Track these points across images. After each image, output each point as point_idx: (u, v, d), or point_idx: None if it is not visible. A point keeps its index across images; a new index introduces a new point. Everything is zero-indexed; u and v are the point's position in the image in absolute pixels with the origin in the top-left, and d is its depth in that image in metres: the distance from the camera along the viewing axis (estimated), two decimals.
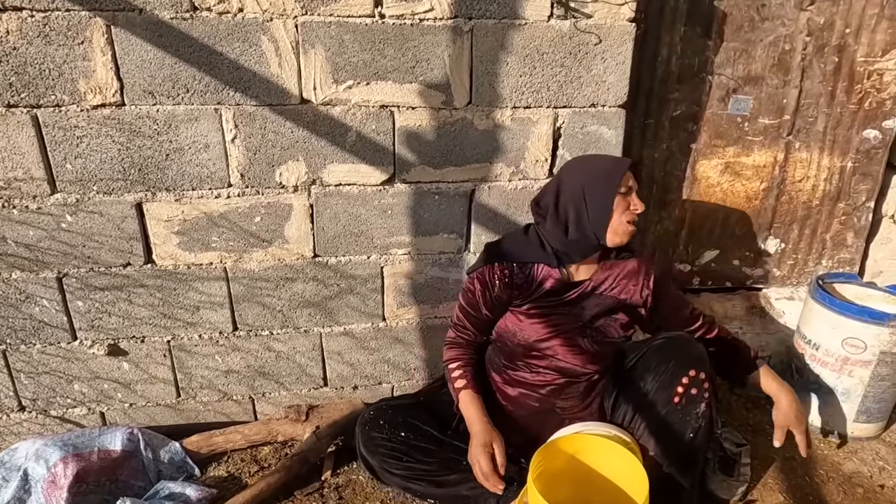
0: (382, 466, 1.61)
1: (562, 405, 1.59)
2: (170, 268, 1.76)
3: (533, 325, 1.55)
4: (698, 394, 1.45)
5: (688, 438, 1.46)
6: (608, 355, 1.58)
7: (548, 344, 1.55)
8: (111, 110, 1.58)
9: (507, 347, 1.60)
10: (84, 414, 1.90)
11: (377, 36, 1.60)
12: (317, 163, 1.71)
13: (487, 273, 1.56)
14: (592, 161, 1.57)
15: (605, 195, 1.45)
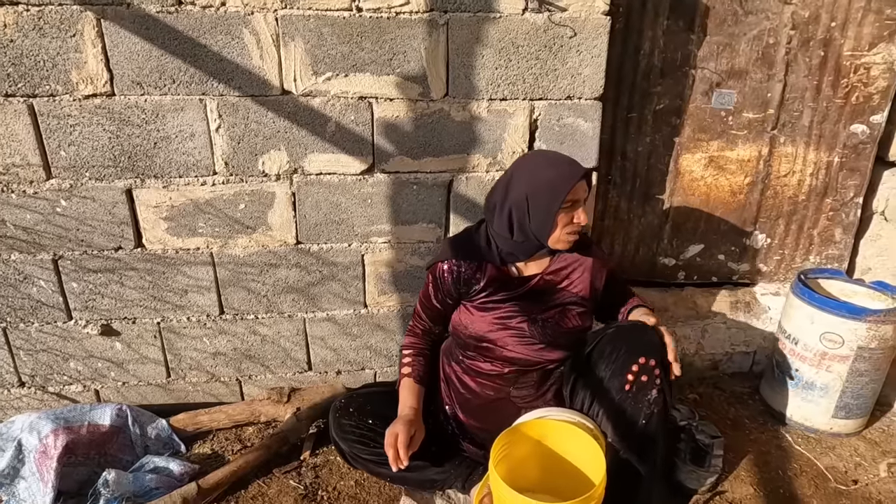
0: (352, 452, 1.65)
1: (516, 394, 1.62)
2: (159, 252, 1.84)
3: (483, 318, 1.59)
4: (649, 381, 1.46)
5: (641, 424, 1.47)
6: (563, 345, 1.61)
7: (497, 336, 1.58)
8: (102, 100, 1.65)
9: (461, 339, 1.64)
10: (79, 391, 1.99)
11: (355, 29, 1.65)
12: (298, 152, 1.77)
13: (438, 269, 1.61)
14: (541, 166, 1.52)
15: (547, 209, 1.46)
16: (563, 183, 1.45)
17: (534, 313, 1.59)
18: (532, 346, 1.60)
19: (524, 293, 1.60)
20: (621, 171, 2.10)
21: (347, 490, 1.74)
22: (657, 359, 1.49)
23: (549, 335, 1.59)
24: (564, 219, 1.48)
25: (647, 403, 1.48)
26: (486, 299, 1.59)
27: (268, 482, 1.76)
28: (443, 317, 1.68)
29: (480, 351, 1.62)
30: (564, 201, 1.45)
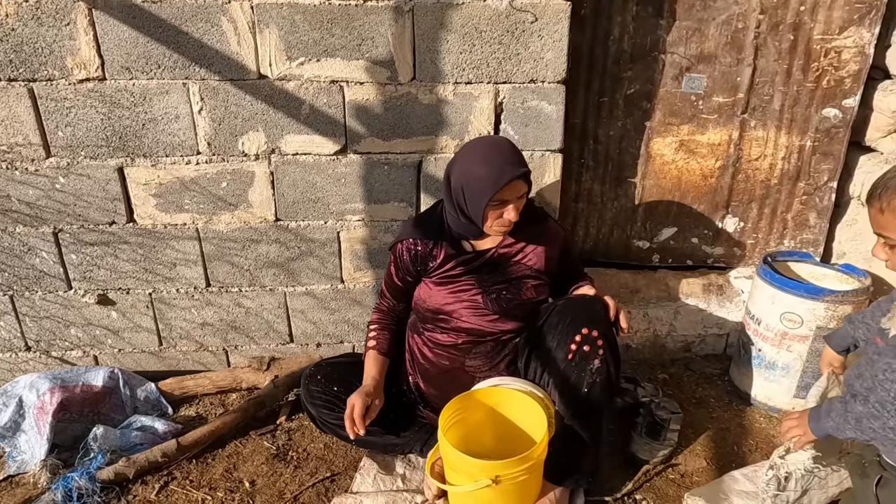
0: (320, 416, 1.76)
1: (470, 363, 1.70)
2: (149, 227, 1.98)
3: (440, 291, 1.67)
4: (591, 350, 1.52)
5: (583, 393, 1.53)
6: (517, 316, 1.67)
7: (453, 308, 1.66)
8: (94, 84, 1.79)
9: (420, 313, 1.73)
10: (80, 356, 2.15)
11: (325, 16, 1.74)
12: (275, 133, 1.87)
13: (398, 248, 1.70)
14: (475, 161, 1.54)
15: (477, 205, 1.53)
16: (490, 185, 1.49)
17: (488, 286, 1.67)
18: (486, 318, 1.67)
19: (479, 266, 1.67)
20: (594, 154, 2.15)
21: (316, 452, 1.84)
22: (600, 330, 1.55)
23: (502, 307, 1.66)
24: (494, 214, 1.55)
25: (590, 373, 1.54)
26: (443, 274, 1.68)
27: (244, 442, 1.88)
28: (405, 294, 1.77)
29: (437, 323, 1.71)
30: (492, 200, 1.51)
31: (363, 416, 1.58)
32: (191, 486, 1.72)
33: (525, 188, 1.57)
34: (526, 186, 1.57)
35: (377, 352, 1.75)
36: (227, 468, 1.78)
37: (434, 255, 1.68)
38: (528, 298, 1.69)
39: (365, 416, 1.59)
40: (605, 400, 1.58)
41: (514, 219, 1.55)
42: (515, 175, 1.50)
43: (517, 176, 1.50)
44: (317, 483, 1.72)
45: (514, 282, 1.68)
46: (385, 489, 1.67)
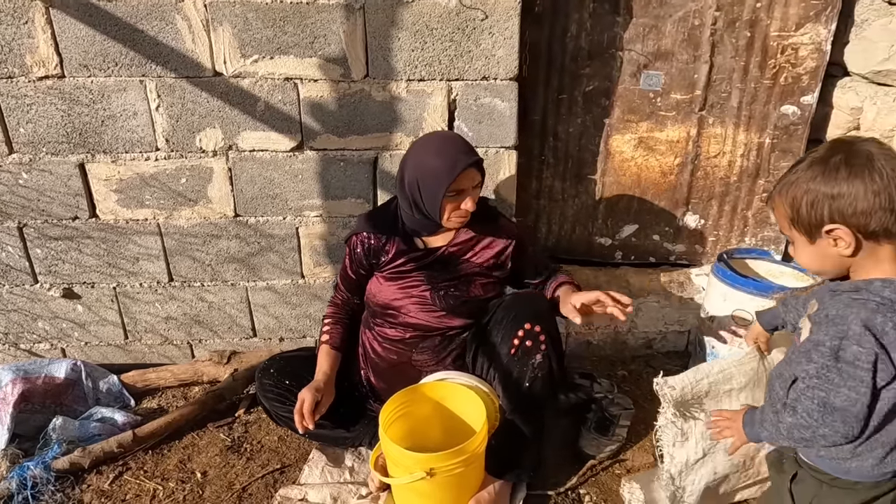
0: (272, 409, 1.79)
1: (417, 358, 1.71)
2: (111, 222, 2.01)
3: (389, 286, 1.69)
4: (533, 346, 1.53)
5: (525, 387, 1.55)
6: (463, 313, 1.69)
7: (401, 303, 1.68)
8: (53, 81, 1.82)
9: (371, 307, 1.75)
10: (47, 349, 2.19)
11: (277, 14, 1.77)
12: (232, 130, 1.90)
13: (353, 241, 1.73)
14: (430, 154, 1.57)
15: (434, 197, 1.55)
16: (446, 175, 1.52)
17: (437, 283, 1.68)
18: (433, 313, 1.69)
19: (429, 263, 1.69)
20: (554, 151, 2.15)
21: (270, 444, 1.87)
22: (543, 326, 1.56)
23: (449, 304, 1.68)
24: (451, 205, 1.57)
25: (532, 367, 1.55)
26: (393, 270, 1.70)
27: (201, 434, 1.91)
28: (359, 287, 1.79)
29: (386, 317, 1.73)
30: (449, 191, 1.53)
31: (312, 410, 1.60)
32: (144, 476, 1.75)
33: (479, 177, 1.59)
34: (480, 176, 1.59)
35: (330, 346, 1.77)
36: (182, 459, 1.81)
37: (386, 250, 1.70)
38: (475, 296, 1.70)
39: (315, 410, 1.61)
40: (547, 395, 1.59)
41: (472, 208, 1.58)
42: (469, 163, 1.53)
43: (471, 163, 1.53)
44: (266, 475, 1.74)
45: (463, 279, 1.70)
46: (332, 481, 1.69)
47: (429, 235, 1.70)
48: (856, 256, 0.95)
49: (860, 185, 0.89)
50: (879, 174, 0.89)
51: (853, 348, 0.90)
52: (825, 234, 0.95)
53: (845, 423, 0.93)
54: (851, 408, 0.92)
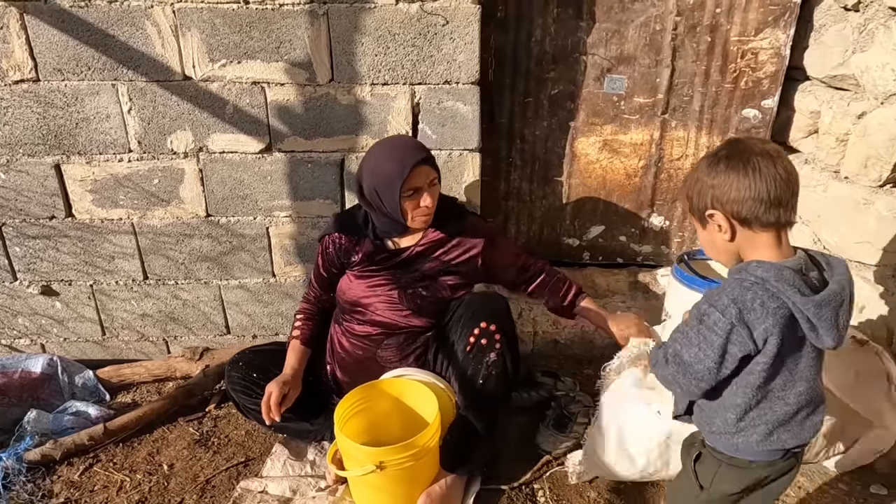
0: (240, 401, 1.84)
1: (382, 354, 1.76)
2: (87, 221, 2.07)
3: (359, 285, 1.74)
4: (488, 344, 1.58)
5: (479, 384, 1.59)
6: (429, 313, 1.73)
7: (370, 301, 1.73)
8: (28, 85, 1.88)
9: (341, 303, 1.80)
10: (27, 345, 2.25)
11: (244, 20, 1.81)
12: (202, 132, 1.95)
13: (325, 241, 1.78)
14: (383, 159, 1.62)
15: (392, 199, 1.60)
16: (398, 175, 1.57)
17: (405, 282, 1.73)
18: (399, 312, 1.73)
19: (397, 264, 1.74)
20: (521, 153, 2.19)
21: (237, 438, 1.92)
22: (498, 324, 1.61)
23: (416, 303, 1.73)
24: (411, 204, 1.62)
25: (486, 365, 1.60)
26: (363, 269, 1.74)
27: (171, 428, 1.97)
28: (331, 284, 1.84)
29: (355, 314, 1.77)
30: (404, 190, 1.58)
31: (279, 403, 1.65)
32: (113, 468, 1.81)
33: (433, 174, 1.63)
34: (434, 172, 1.63)
35: (299, 342, 1.82)
36: (151, 452, 1.87)
37: (357, 250, 1.75)
38: (443, 297, 1.74)
39: (281, 403, 1.66)
40: (501, 392, 1.63)
41: (430, 204, 1.62)
42: (417, 160, 1.58)
43: (419, 161, 1.58)
44: (230, 467, 1.79)
45: (431, 280, 1.74)
46: (293, 474, 1.74)
47: (398, 236, 1.74)
48: (734, 241, 1.04)
49: (734, 177, 0.99)
50: (753, 169, 0.97)
51: (715, 315, 0.98)
52: (708, 218, 1.04)
53: (686, 375, 1.03)
54: (697, 365, 1.01)
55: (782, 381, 1.02)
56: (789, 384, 1.02)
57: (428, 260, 1.74)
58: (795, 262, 1.00)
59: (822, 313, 0.94)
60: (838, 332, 0.96)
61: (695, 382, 1.03)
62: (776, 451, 1.06)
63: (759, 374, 1.01)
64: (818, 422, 1.07)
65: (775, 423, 1.04)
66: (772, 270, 0.96)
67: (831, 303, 0.95)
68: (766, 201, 0.97)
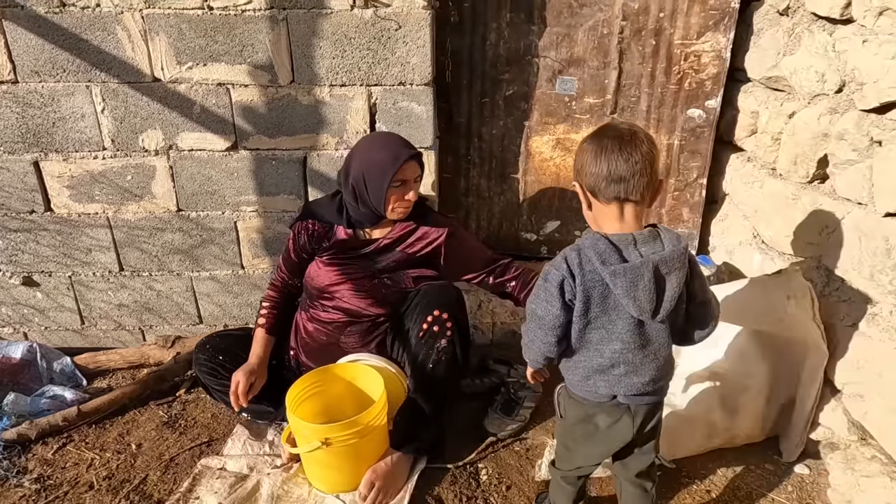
0: (206, 382, 1.95)
1: (345, 340, 1.86)
2: (65, 215, 2.18)
3: (328, 272, 1.84)
4: (440, 331, 1.69)
5: (429, 368, 1.70)
6: (392, 302, 1.84)
7: (337, 288, 1.83)
8: (8, 86, 1.99)
9: (309, 290, 1.90)
10: (11, 333, 2.37)
11: (208, 24, 1.92)
12: (171, 131, 2.06)
13: (297, 227, 1.89)
14: (374, 148, 1.74)
15: (379, 188, 1.70)
16: (390, 166, 1.68)
17: (371, 272, 1.84)
18: (364, 300, 1.84)
19: (367, 254, 1.85)
20: (479, 151, 2.29)
21: (203, 420, 2.03)
22: (450, 313, 1.72)
23: (381, 293, 1.83)
24: (395, 195, 1.72)
25: (437, 350, 1.70)
26: (332, 256, 1.85)
27: (142, 411, 2.08)
28: (300, 270, 1.94)
29: (322, 300, 1.88)
30: (394, 181, 1.69)
31: (246, 392, 1.77)
32: (85, 447, 1.92)
33: (419, 171, 1.75)
34: (419, 169, 1.75)
35: (265, 331, 1.92)
36: (121, 433, 1.98)
37: (329, 237, 1.86)
38: (405, 288, 1.85)
39: (248, 391, 1.77)
40: (449, 377, 1.74)
41: (414, 198, 1.74)
42: (411, 154, 1.70)
43: (412, 155, 1.70)
44: (194, 447, 1.90)
45: (396, 270, 1.84)
46: (251, 453, 1.84)
47: (371, 227, 1.84)
48: (592, 211, 1.22)
49: (588, 154, 1.16)
50: (602, 148, 1.14)
51: (552, 272, 1.17)
52: (574, 187, 1.23)
53: (542, 327, 1.20)
54: (546, 316, 1.18)
55: (598, 336, 1.18)
56: (605, 340, 1.18)
57: (394, 252, 1.84)
58: (625, 236, 1.13)
59: (616, 282, 1.08)
60: (636, 303, 1.10)
61: (549, 331, 1.18)
62: (596, 393, 1.23)
63: (577, 326, 1.17)
64: (641, 383, 1.21)
65: (591, 370, 1.21)
66: (591, 240, 1.13)
67: (627, 274, 1.09)
68: (606, 177, 1.13)
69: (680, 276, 1.11)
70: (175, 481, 1.76)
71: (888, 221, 1.46)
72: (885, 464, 1.47)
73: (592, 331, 1.18)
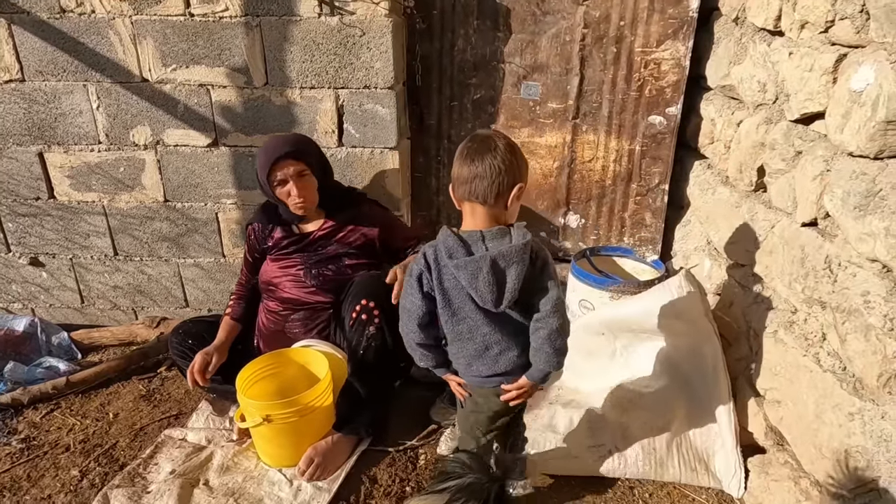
0: (178, 363, 2.11)
1: (289, 327, 1.99)
2: (66, 203, 2.39)
3: (272, 266, 1.98)
4: (368, 319, 1.79)
5: (360, 354, 1.81)
6: (330, 290, 1.95)
7: (279, 280, 1.97)
8: (16, 84, 2.21)
9: (260, 284, 2.04)
10: (20, 308, 2.60)
11: (190, 30, 2.08)
12: (158, 128, 2.23)
13: (248, 229, 2.04)
14: (261, 151, 1.84)
15: (266, 188, 1.84)
16: (263, 168, 1.82)
17: (310, 263, 1.96)
18: (304, 289, 1.97)
19: (303, 247, 1.97)
20: (448, 153, 2.39)
21: (177, 396, 2.20)
22: (376, 302, 1.82)
23: (319, 281, 1.96)
24: (282, 193, 1.85)
25: (366, 337, 1.81)
26: (276, 253, 1.99)
27: (125, 384, 2.26)
28: (255, 268, 2.08)
29: (269, 292, 2.02)
30: (272, 181, 1.81)
31: (202, 370, 1.90)
32: (69, 413, 2.11)
33: (298, 167, 1.82)
34: (298, 165, 1.82)
35: (230, 318, 2.07)
36: (103, 403, 2.16)
37: (270, 236, 1.99)
38: (346, 275, 1.97)
39: (205, 370, 1.92)
40: (380, 362, 1.84)
41: (297, 195, 1.84)
42: (280, 154, 1.79)
43: (282, 155, 1.79)
44: (163, 419, 2.07)
45: (333, 260, 1.97)
46: (212, 427, 1.99)
47: (300, 223, 1.97)
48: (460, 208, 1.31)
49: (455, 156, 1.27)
50: (459, 153, 1.25)
51: (413, 266, 1.29)
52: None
53: (410, 319, 1.33)
54: (412, 308, 1.31)
55: (467, 327, 1.29)
56: (474, 329, 1.29)
57: (330, 243, 1.97)
58: (474, 233, 1.23)
59: (460, 273, 1.19)
60: (478, 293, 1.21)
61: (413, 320, 1.30)
62: (478, 377, 1.35)
63: (442, 317, 1.28)
64: (512, 356, 1.33)
65: (470, 357, 1.33)
66: (443, 236, 1.24)
67: (468, 267, 1.19)
68: (456, 179, 1.25)
69: (519, 270, 1.18)
70: (141, 448, 1.93)
71: (805, 231, 1.49)
72: (794, 469, 1.50)
73: (460, 322, 1.28)
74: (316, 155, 1.92)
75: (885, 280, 1.22)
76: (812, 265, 1.44)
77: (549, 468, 1.71)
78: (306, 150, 1.86)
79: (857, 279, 1.29)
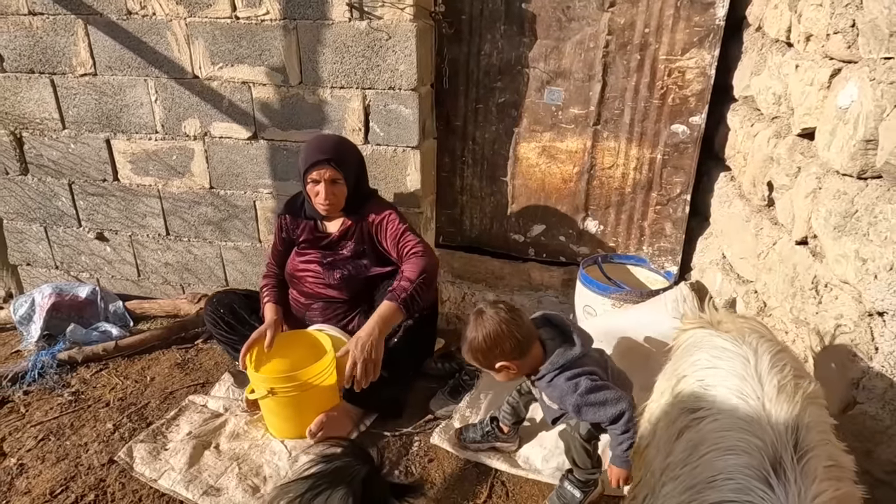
0: (211, 331, 2.31)
1: (310, 315, 2.14)
2: (127, 185, 2.65)
3: (296, 259, 2.13)
4: None
5: (393, 341, 1.94)
6: (352, 287, 2.07)
7: (301, 274, 2.11)
8: (89, 78, 2.48)
9: (286, 274, 2.19)
10: (87, 277, 2.91)
11: (236, 31, 2.27)
12: (206, 120, 2.44)
13: (279, 219, 2.19)
14: (303, 150, 1.99)
15: (302, 182, 1.98)
16: (303, 165, 1.95)
17: (328, 260, 2.10)
18: (320, 283, 2.11)
19: (324, 245, 2.11)
20: (472, 153, 2.45)
21: (207, 366, 2.40)
22: None
23: (335, 278, 2.09)
24: (313, 191, 1.98)
25: (402, 328, 1.93)
26: (302, 247, 2.14)
27: (165, 352, 2.49)
28: (283, 257, 2.24)
29: (293, 283, 2.17)
30: (307, 178, 1.95)
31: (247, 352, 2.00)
32: (115, 374, 2.36)
33: (333, 173, 1.95)
34: (333, 171, 1.95)
35: (272, 302, 2.18)
36: (144, 367, 2.40)
37: (299, 231, 2.14)
38: (356, 274, 2.08)
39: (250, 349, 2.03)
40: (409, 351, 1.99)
41: (323, 198, 1.97)
42: (318, 159, 1.92)
43: (319, 160, 1.92)
44: (192, 385, 2.27)
45: (348, 259, 2.09)
46: (231, 397, 2.17)
47: (323, 220, 2.11)
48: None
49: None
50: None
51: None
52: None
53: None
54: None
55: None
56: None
57: (346, 243, 2.09)
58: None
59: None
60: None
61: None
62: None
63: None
64: None
65: None
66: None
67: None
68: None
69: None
70: (167, 409, 2.13)
71: (798, 250, 1.45)
72: None
73: None
74: (354, 165, 2.02)
75: (860, 304, 1.18)
76: (801, 285, 1.40)
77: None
78: (346, 159, 1.98)
79: (837, 302, 1.26)
